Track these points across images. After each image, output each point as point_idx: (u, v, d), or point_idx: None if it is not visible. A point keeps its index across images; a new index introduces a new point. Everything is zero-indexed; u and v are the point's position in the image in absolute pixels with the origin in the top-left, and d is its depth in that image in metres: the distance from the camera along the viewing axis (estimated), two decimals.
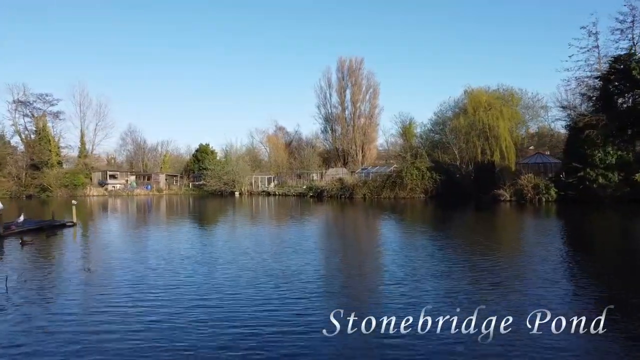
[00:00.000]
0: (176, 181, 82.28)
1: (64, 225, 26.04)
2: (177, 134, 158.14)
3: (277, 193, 64.09)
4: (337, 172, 68.58)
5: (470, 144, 48.91)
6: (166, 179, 79.98)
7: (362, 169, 67.53)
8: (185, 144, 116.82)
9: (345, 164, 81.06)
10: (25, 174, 65.09)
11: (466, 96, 53.28)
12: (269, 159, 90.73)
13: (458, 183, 49.19)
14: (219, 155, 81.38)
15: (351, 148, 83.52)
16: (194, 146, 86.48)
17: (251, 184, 70.57)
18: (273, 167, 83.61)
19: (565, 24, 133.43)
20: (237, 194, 66.88)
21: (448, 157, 54.62)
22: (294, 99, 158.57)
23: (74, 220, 26.43)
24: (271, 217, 34.79)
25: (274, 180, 73.85)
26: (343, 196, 51.27)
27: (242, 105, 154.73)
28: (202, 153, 79.74)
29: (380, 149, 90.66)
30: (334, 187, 53.14)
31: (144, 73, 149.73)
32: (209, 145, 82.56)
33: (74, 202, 27.78)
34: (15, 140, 71.21)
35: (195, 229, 27.82)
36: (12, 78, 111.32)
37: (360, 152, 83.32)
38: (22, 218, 24.50)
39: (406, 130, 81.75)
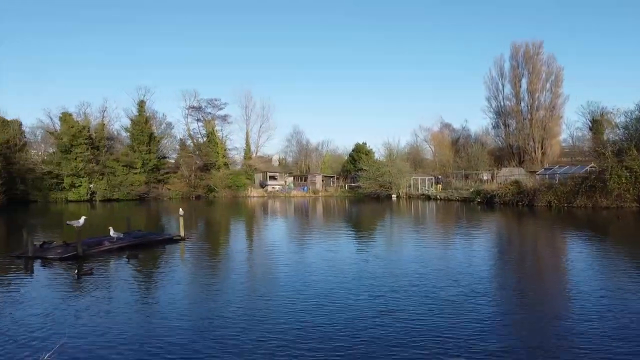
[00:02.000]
0: (332, 182, 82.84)
1: (170, 240, 23.28)
2: (337, 133, 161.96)
3: (438, 197, 59.11)
4: (511, 173, 60.89)
5: None
6: (322, 180, 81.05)
7: (546, 170, 58.63)
8: (342, 143, 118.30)
9: (520, 163, 72.22)
10: (195, 175, 71.58)
11: None
12: (433, 158, 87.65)
13: None
14: (377, 155, 79.29)
15: (528, 144, 74.50)
16: (351, 146, 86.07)
17: (410, 186, 66.68)
18: (437, 167, 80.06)
19: None
20: (394, 197, 64.03)
21: None
22: (460, 92, 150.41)
23: (182, 233, 23.92)
24: (432, 227, 31.45)
25: (437, 182, 68.86)
26: (520, 203, 44.13)
27: (404, 102, 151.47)
28: (358, 153, 78.63)
29: (564, 144, 78.78)
30: (508, 192, 46.31)
31: (305, 73, 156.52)
32: (365, 144, 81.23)
33: (180, 212, 24.80)
34: (188, 144, 78.99)
35: (352, 239, 26.44)
36: (185, 84, 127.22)
37: (539, 149, 73.68)
38: (113, 233, 21.15)
39: (598, 123, 69.38)
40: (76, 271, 15.69)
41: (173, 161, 78.10)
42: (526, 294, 13.02)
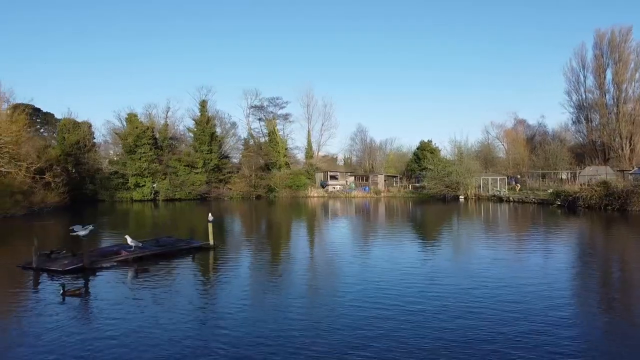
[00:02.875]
0: (395, 182, 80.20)
1: (197, 249, 21.22)
2: (401, 131, 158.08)
3: (512, 199, 55.03)
4: (597, 172, 55.41)
5: None
6: (385, 180, 78.61)
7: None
8: (407, 141, 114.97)
9: (605, 161, 66.08)
10: (255, 175, 71.72)
11: None
12: (506, 156, 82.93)
13: None
14: (443, 153, 75.70)
15: (614, 141, 68.37)
16: (416, 144, 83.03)
17: (480, 186, 62.78)
18: (510, 166, 75.62)
19: None
20: (461, 198, 60.55)
21: None
22: (536, 86, 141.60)
23: (211, 241, 21.52)
24: (505, 232, 28.60)
25: (514, 182, 64.50)
26: (609, 207, 39.54)
27: (474, 97, 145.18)
28: (423, 151, 75.39)
29: None
30: (594, 194, 41.64)
31: (369, 70, 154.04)
32: (431, 141, 77.77)
33: (210, 218, 23.63)
34: (249, 143, 79.59)
35: (417, 243, 24.91)
36: (247, 84, 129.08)
37: (628, 145, 67.12)
38: (130, 241, 19.46)
39: None
40: (61, 291, 13.52)
41: (237, 161, 78.99)
42: (613, 318, 11.15)
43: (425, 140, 79.17)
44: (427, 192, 65.64)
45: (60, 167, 64.92)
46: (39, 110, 75.19)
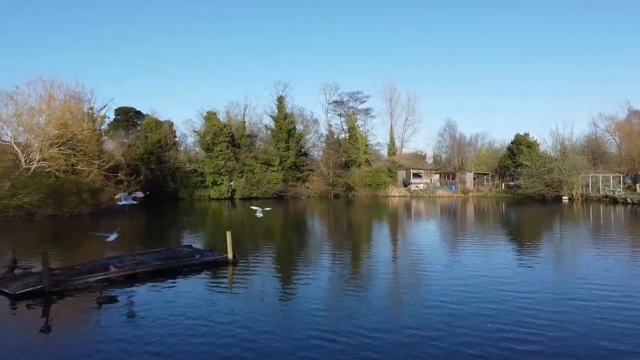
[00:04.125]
0: (486, 180, 74.02)
1: (212, 264, 16.77)
2: (494, 124, 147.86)
3: (630, 200, 47.58)
4: None
5: None
6: (474, 178, 72.78)
7: None
8: (500, 136, 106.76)
9: None
10: (333, 173, 69.59)
11: None
12: (619, 151, 73.98)
13: None
14: (542, 147, 68.23)
15: None
16: (510, 138, 76.14)
17: (587, 185, 55.38)
18: (624, 162, 67.28)
19: None
20: (565, 199, 53.83)
21: None
22: None
23: (230, 254, 17.04)
24: (621, 241, 23.24)
25: (626, 180, 56.34)
26: None
27: (578, 85, 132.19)
28: (519, 145, 68.43)
29: None
30: None
31: (457, 61, 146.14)
32: (527, 135, 70.49)
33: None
34: (328, 140, 77.60)
35: (512, 251, 20.95)
36: (325, 78, 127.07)
37: None
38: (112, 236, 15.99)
39: None
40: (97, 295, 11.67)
41: (316, 158, 77.44)
42: None
43: (521, 134, 72.00)
44: (523, 191, 59.30)
45: (143, 165, 67.74)
46: (131, 110, 79.01)
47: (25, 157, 39.28)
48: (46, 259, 13.08)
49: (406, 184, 73.09)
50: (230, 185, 67.20)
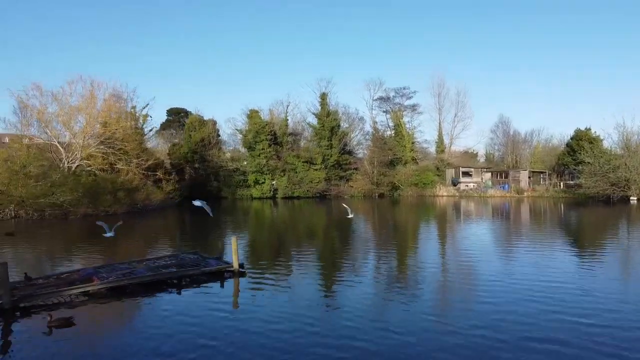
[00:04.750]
0: (543, 179, 69.56)
1: (219, 274, 14.77)
2: (551, 119, 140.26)
3: None
4: None
5: None
6: (529, 177, 68.51)
7: None
8: (558, 131, 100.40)
9: None
10: (378, 171, 67.51)
11: None
12: None
13: None
14: (606, 143, 63.14)
15: None
16: (570, 133, 71.26)
17: None
18: None
19: None
20: (633, 199, 49.34)
21: None
22: None
23: (235, 263, 14.90)
24: None
25: None
26: None
27: None
28: (579, 141, 63.73)
29: None
30: None
31: (509, 53, 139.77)
32: (589, 130, 65.56)
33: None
34: (373, 138, 75.50)
35: (573, 257, 18.52)
36: (370, 74, 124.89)
37: None
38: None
39: None
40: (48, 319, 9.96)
41: (361, 156, 75.59)
42: None
43: (582, 129, 67.13)
44: (585, 191, 55.04)
45: (187, 164, 68.22)
46: (182, 110, 79.97)
47: (66, 156, 39.86)
48: (5, 270, 10.86)
49: (455, 183, 69.88)
50: (272, 185, 66.50)
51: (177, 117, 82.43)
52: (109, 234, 16.41)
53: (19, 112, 47.04)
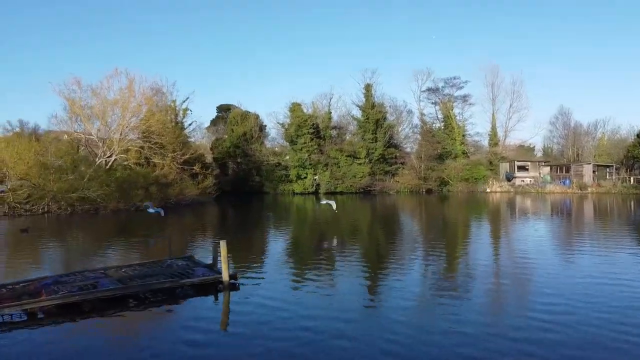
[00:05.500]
0: (609, 174, 63.95)
1: (204, 287, 11.91)
2: (618, 109, 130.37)
3: None
4: None
5: None
6: (594, 171, 63.14)
7: None
8: (627, 121, 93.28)
9: None
10: (425, 166, 64.38)
11: None
12: None
13: None
14: None
15: None
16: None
17: None
18: None
19: None
20: None
21: None
22: None
23: (224, 274, 11.99)
24: None
25: None
26: None
27: None
28: None
29: None
30: None
31: (571, 41, 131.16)
32: None
33: (223, 245, 13.96)
34: (421, 131, 72.21)
35: None
36: (417, 64, 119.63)
37: None
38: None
39: None
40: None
41: (408, 151, 72.56)
42: None
43: None
44: None
45: (230, 159, 67.71)
46: (231, 106, 79.44)
47: (103, 151, 39.69)
48: None
49: (510, 178, 65.49)
50: (315, 179, 64.69)
51: (226, 113, 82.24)
52: (152, 210, 15.12)
53: (68, 108, 47.52)
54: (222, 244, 12.01)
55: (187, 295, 11.50)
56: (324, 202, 17.67)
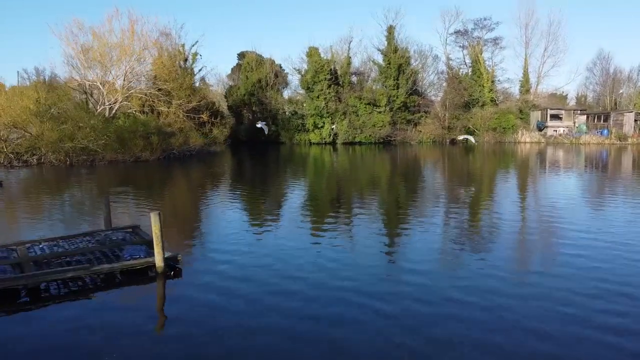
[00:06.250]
0: None
1: (136, 273, 8.96)
2: None
3: None
4: None
5: None
6: (636, 120, 58.52)
7: None
8: None
9: None
10: (450, 114, 60.62)
11: None
12: None
13: None
14: None
15: None
16: None
17: None
18: None
19: None
20: None
21: None
22: None
23: (157, 257, 8.90)
24: None
25: None
26: None
27: None
28: None
29: None
30: None
31: None
32: None
33: (154, 216, 9.17)
34: (446, 77, 67.91)
35: None
36: (445, 3, 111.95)
37: None
38: None
39: None
40: None
41: (433, 98, 68.71)
42: None
43: None
44: None
45: (244, 107, 65.03)
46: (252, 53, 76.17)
47: (104, 98, 37.47)
48: None
49: (541, 127, 61.41)
50: (332, 129, 61.72)
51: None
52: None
53: (65, 52, 44.93)
54: (154, 217, 8.80)
55: (111, 285, 8.54)
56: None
